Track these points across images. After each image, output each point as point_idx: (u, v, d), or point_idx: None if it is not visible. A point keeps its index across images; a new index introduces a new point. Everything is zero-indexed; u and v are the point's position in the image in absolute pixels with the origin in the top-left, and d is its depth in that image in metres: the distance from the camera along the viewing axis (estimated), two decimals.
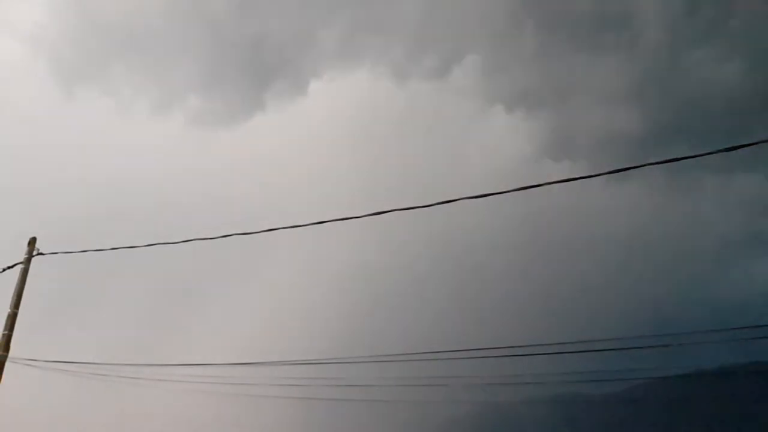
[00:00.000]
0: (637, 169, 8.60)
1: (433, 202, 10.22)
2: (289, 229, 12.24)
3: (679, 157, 8.11)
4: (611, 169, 8.99)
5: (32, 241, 15.86)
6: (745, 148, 7.62)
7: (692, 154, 8.10)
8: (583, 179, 9.15)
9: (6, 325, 14.98)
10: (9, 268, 15.61)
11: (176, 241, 14.28)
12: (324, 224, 11.56)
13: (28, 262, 15.60)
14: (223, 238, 13.57)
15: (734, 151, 7.71)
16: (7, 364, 14.73)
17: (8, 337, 14.88)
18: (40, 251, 15.78)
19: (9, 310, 15.05)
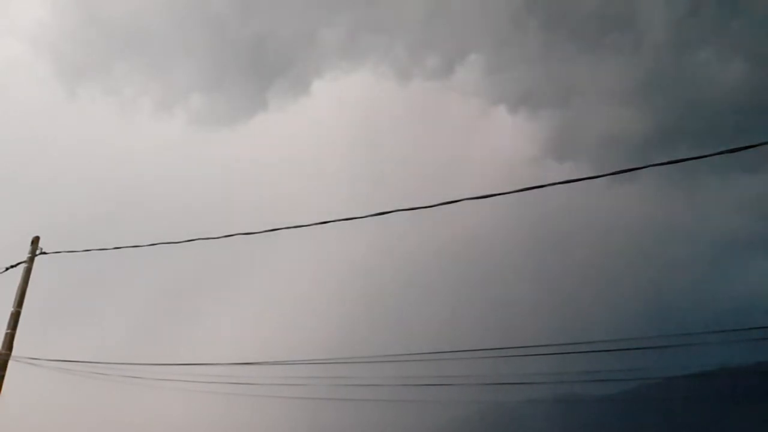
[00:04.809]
0: (640, 170, 8.60)
1: (436, 203, 10.21)
2: (291, 229, 12.25)
3: (682, 158, 8.10)
4: (614, 170, 8.97)
5: (35, 240, 15.87)
6: (748, 150, 7.61)
7: (695, 155, 8.09)
8: (586, 180, 9.14)
9: (9, 324, 15.01)
10: (12, 267, 15.63)
11: (179, 240, 14.28)
12: (326, 224, 11.56)
13: (31, 261, 15.63)
14: (226, 238, 13.57)
15: (737, 152, 7.70)
16: (10, 363, 14.77)
17: (11, 336, 14.92)
18: (43, 250, 15.80)
19: (12, 309, 15.08)
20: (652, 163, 8.34)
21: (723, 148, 7.73)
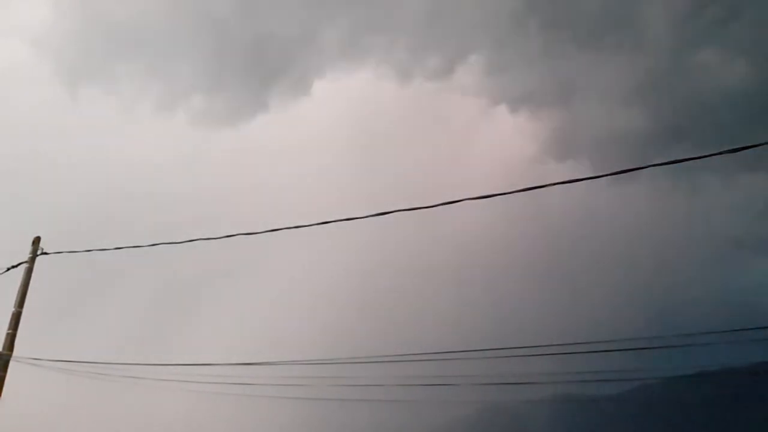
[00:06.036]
0: (640, 170, 8.61)
1: (436, 203, 10.22)
2: (292, 230, 12.25)
3: (683, 158, 8.11)
4: (615, 170, 8.98)
5: (36, 241, 15.87)
6: (748, 150, 7.61)
7: (696, 154, 8.09)
8: (587, 180, 9.15)
9: (10, 324, 15.01)
10: (13, 267, 15.63)
11: (179, 241, 14.28)
12: (327, 225, 11.57)
13: (32, 261, 15.63)
14: (226, 239, 13.57)
15: (738, 152, 7.70)
16: (11, 364, 14.77)
17: (12, 337, 14.92)
18: (43, 250, 15.80)
19: (13, 310, 15.09)
20: (652, 163, 8.36)
21: (723, 148, 7.73)
